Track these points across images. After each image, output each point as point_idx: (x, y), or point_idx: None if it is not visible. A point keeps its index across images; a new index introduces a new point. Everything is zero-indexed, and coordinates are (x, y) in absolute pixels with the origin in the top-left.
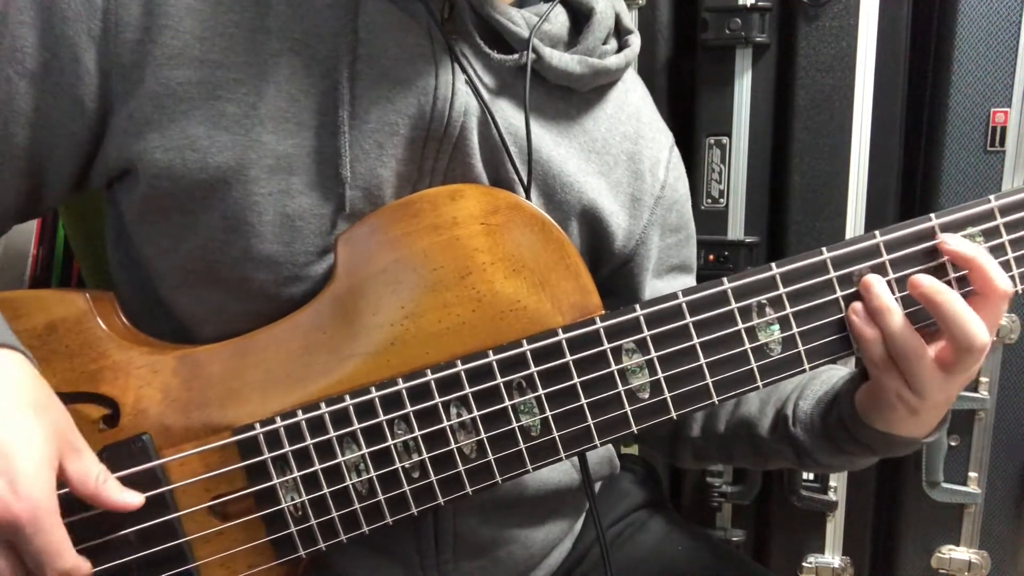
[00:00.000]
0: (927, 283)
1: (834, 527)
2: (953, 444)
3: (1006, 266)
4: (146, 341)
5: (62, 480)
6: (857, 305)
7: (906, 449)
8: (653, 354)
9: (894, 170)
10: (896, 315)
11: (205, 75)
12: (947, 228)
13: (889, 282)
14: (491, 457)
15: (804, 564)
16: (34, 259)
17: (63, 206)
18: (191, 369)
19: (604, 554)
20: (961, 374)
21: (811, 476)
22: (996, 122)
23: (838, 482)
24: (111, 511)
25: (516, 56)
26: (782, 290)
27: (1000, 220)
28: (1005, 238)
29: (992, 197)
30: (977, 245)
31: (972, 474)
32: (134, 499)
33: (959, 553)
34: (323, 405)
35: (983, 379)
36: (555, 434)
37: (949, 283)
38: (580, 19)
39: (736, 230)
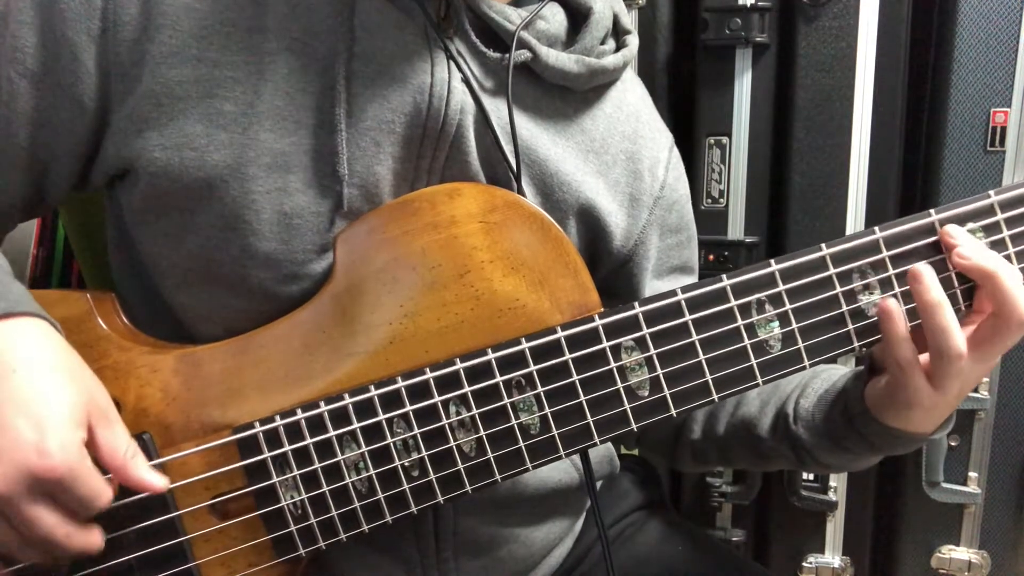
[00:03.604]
0: (978, 254)
1: (834, 527)
2: (953, 444)
3: (1007, 261)
4: (146, 341)
5: (91, 449)
6: (890, 305)
7: (910, 446)
8: (652, 351)
9: (894, 170)
10: (948, 309)
11: (203, 74)
12: (947, 224)
13: (889, 278)
14: (490, 455)
15: (804, 564)
16: (34, 259)
17: (63, 206)
18: (191, 368)
19: (606, 552)
20: (988, 360)
21: (811, 476)
22: (996, 122)
23: (838, 482)
24: (122, 506)
25: (513, 54)
26: (781, 287)
27: (1000, 216)
28: (1006, 233)
29: (992, 192)
30: (996, 256)
31: (972, 474)
32: (159, 480)
33: (959, 553)
34: (322, 404)
35: (983, 379)
36: (554, 432)
37: (950, 278)
38: (578, 19)
39: (736, 230)
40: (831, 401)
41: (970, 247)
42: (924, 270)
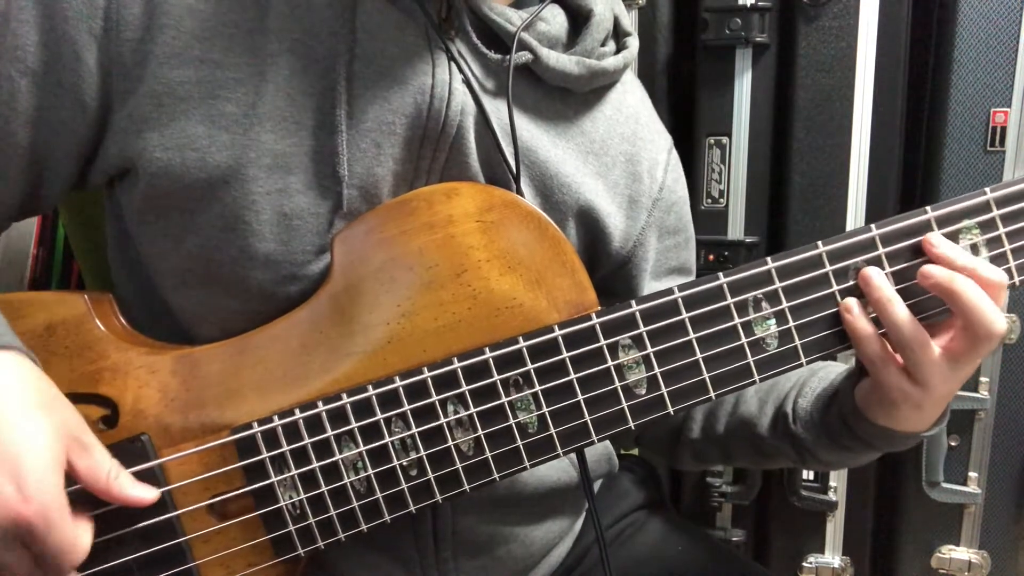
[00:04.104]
0: (940, 273)
1: (834, 527)
2: (953, 444)
3: (1002, 258)
4: (144, 342)
5: (74, 478)
6: (849, 302)
7: (906, 444)
8: (649, 350)
9: (894, 170)
10: (899, 305)
11: (205, 75)
12: (943, 221)
13: (886, 275)
14: (488, 454)
15: (804, 564)
16: (34, 259)
17: (63, 206)
18: (189, 369)
19: (603, 552)
20: (969, 364)
21: (811, 476)
22: (996, 122)
23: (838, 482)
24: (120, 507)
25: (514, 56)
26: (778, 284)
27: (996, 212)
28: (1001, 230)
29: (988, 189)
30: (958, 274)
31: (972, 474)
32: (148, 493)
33: (959, 553)
34: (320, 404)
35: (983, 379)
36: (552, 431)
37: None
38: (579, 21)
39: (736, 230)
40: (827, 400)
41: (931, 268)
42: (872, 272)
